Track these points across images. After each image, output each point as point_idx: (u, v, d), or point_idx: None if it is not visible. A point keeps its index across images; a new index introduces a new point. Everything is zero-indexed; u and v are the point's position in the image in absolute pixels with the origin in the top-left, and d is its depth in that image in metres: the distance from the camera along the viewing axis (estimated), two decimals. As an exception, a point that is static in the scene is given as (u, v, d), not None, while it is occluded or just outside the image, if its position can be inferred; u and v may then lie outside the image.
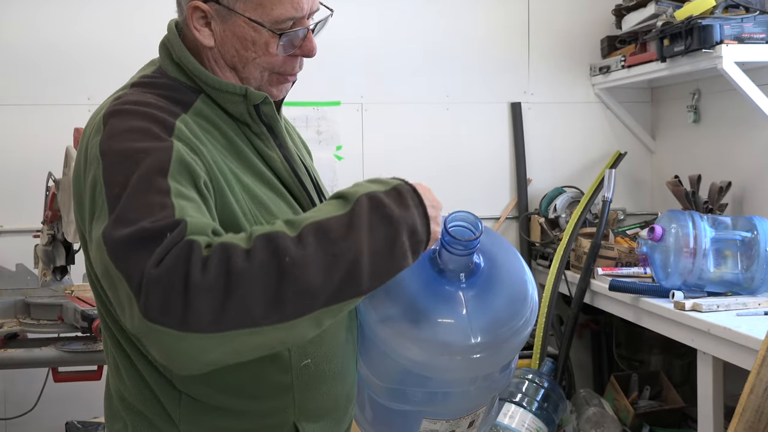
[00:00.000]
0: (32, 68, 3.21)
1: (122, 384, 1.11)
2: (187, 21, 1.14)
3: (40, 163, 2.92)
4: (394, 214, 0.94)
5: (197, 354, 0.88)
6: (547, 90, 3.58)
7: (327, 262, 0.90)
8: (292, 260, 0.88)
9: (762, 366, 1.66)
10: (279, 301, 0.88)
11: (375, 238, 0.92)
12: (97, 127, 1.04)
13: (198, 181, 1.00)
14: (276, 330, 0.89)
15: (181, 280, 0.87)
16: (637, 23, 3.23)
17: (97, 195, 0.98)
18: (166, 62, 1.16)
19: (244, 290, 0.87)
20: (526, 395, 2.69)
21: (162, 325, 0.87)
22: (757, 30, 2.64)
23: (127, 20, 3.26)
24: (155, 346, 0.90)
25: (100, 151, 0.99)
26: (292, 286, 0.88)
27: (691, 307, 2.33)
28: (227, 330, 0.87)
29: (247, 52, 1.12)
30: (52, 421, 3.16)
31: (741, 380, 1.76)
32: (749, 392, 1.65)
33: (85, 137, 1.07)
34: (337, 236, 0.91)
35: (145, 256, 0.89)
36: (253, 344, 0.90)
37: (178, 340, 0.87)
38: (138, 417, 1.10)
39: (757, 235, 2.43)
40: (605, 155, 3.61)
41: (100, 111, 1.08)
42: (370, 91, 3.47)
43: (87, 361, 2.53)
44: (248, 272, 0.88)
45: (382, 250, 0.92)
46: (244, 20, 1.09)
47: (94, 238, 0.96)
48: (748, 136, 3.01)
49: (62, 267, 2.75)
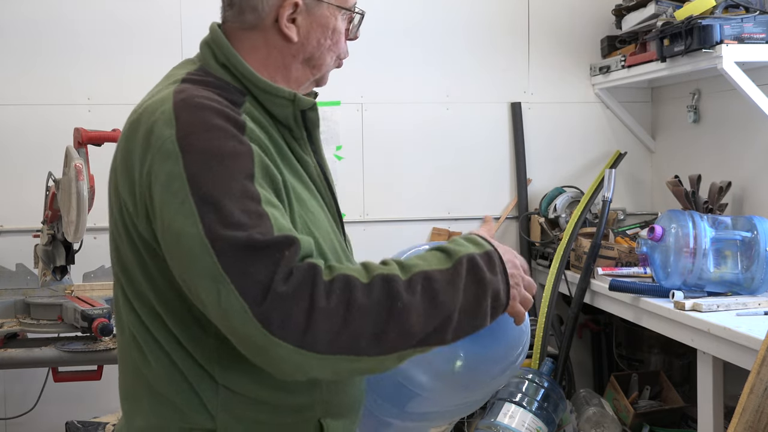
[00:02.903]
0: (32, 68, 3.21)
1: (151, 373, 1.11)
2: (279, 20, 1.14)
3: (40, 163, 2.92)
4: (485, 278, 1.03)
5: (305, 369, 0.97)
6: (547, 90, 3.59)
7: (428, 312, 0.99)
8: (402, 305, 0.98)
9: (762, 366, 1.66)
10: (382, 337, 0.97)
11: (467, 297, 1.01)
12: (165, 119, 1.03)
13: (277, 185, 1.06)
14: (371, 361, 0.98)
15: (307, 301, 0.95)
16: (637, 23, 3.23)
17: (177, 189, 0.99)
18: (210, 62, 1.16)
19: (358, 323, 0.96)
20: (526, 395, 2.69)
21: (281, 339, 0.95)
22: (757, 30, 2.64)
23: (127, 21, 3.27)
24: (264, 354, 0.97)
25: (180, 146, 1.00)
26: (397, 327, 0.97)
27: (691, 307, 2.33)
28: (336, 354, 0.96)
29: (326, 40, 1.17)
30: (52, 421, 3.16)
31: (741, 380, 1.76)
32: (749, 392, 1.65)
33: (144, 127, 1.05)
34: (439, 289, 1.00)
35: (267, 270, 0.95)
36: (350, 369, 0.99)
37: (293, 354, 0.95)
38: (165, 406, 1.11)
39: (757, 235, 2.43)
40: (605, 155, 3.61)
41: (158, 104, 1.07)
42: (370, 91, 3.47)
43: (87, 361, 2.53)
44: (365, 308, 0.96)
45: (469, 309, 1.01)
46: (328, 6, 1.15)
47: (176, 229, 0.98)
48: (748, 136, 3.01)
49: (62, 267, 2.75)
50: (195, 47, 1.24)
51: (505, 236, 3.54)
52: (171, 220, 0.99)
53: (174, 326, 1.08)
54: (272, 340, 0.94)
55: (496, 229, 3.53)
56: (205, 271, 0.96)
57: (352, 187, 3.45)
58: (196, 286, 0.99)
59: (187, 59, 1.22)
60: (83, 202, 2.43)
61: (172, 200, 0.99)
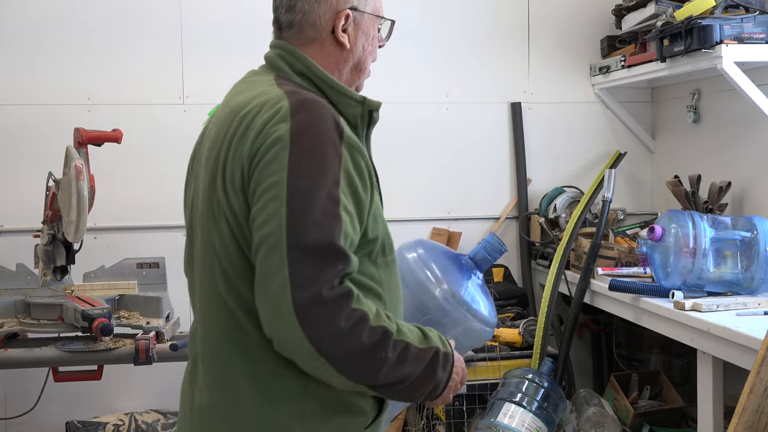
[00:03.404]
0: (32, 68, 3.21)
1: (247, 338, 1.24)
2: (335, 31, 1.34)
3: (40, 163, 2.93)
4: (437, 371, 1.26)
5: (300, 355, 1.16)
6: (547, 90, 3.59)
7: (393, 369, 1.20)
8: (384, 356, 1.19)
9: (762, 366, 1.66)
10: (359, 368, 1.18)
11: (420, 375, 1.23)
12: (283, 115, 1.19)
13: (356, 191, 1.22)
14: (339, 378, 1.18)
15: (336, 315, 1.14)
16: (637, 23, 3.23)
17: (276, 170, 1.16)
18: (287, 71, 1.33)
19: (352, 349, 1.16)
20: (526, 395, 2.69)
21: (302, 328, 1.13)
22: (757, 30, 2.64)
23: (127, 21, 3.27)
24: (281, 331, 1.15)
25: (291, 138, 1.17)
26: (371, 367, 1.18)
27: (691, 307, 2.33)
28: (326, 359, 1.15)
29: (369, 46, 1.40)
30: (53, 421, 3.17)
31: (741, 380, 1.76)
32: (749, 392, 1.65)
33: (262, 118, 1.21)
34: (409, 359, 1.22)
35: (322, 272, 1.14)
36: (324, 374, 1.18)
37: (302, 343, 1.13)
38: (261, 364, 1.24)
39: (756, 234, 2.43)
40: (605, 155, 3.61)
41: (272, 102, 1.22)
42: (370, 91, 3.44)
43: (87, 360, 2.53)
44: (362, 343, 1.16)
45: (416, 384, 1.23)
46: (370, 17, 1.38)
47: (265, 201, 1.16)
48: (748, 136, 3.01)
49: (62, 267, 2.75)
50: (195, 48, 1.26)
51: (505, 236, 3.54)
52: (264, 195, 1.16)
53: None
54: (296, 327, 1.12)
55: (496, 229, 3.53)
56: (273, 243, 1.13)
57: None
58: (259, 252, 1.16)
59: (255, 70, 1.39)
60: (83, 202, 2.44)
61: (269, 180, 1.16)
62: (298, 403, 1.23)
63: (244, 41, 3.35)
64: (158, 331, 2.57)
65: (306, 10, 1.33)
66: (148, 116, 3.29)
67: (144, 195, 3.30)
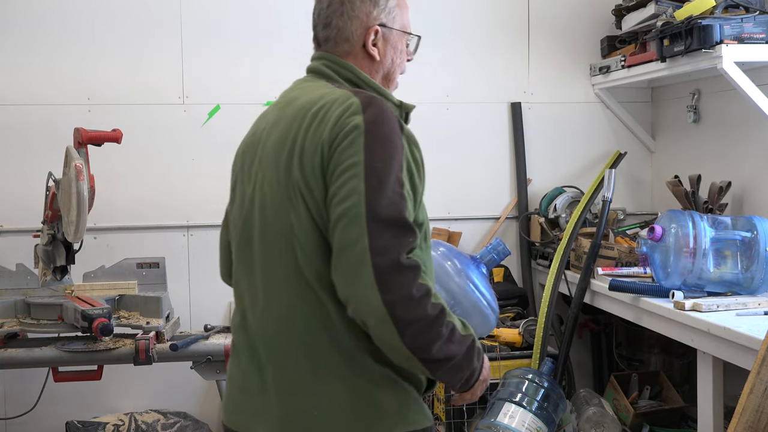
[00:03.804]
0: (32, 68, 3.21)
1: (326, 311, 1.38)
2: (366, 45, 1.52)
3: (40, 163, 2.93)
4: (473, 360, 1.41)
5: (374, 315, 1.28)
6: (547, 90, 3.59)
7: (443, 346, 1.34)
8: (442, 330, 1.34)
9: (762, 366, 1.66)
10: (418, 335, 1.31)
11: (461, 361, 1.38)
12: (355, 109, 1.36)
13: (413, 177, 1.38)
14: (399, 344, 1.31)
15: (411, 281, 1.29)
16: (637, 23, 3.23)
17: (354, 153, 1.32)
18: (335, 78, 1.50)
19: (418, 317, 1.30)
20: (526, 395, 2.69)
21: (379, 292, 1.27)
22: (757, 30, 2.64)
23: (127, 22, 3.27)
24: (357, 293, 1.29)
25: (365, 128, 1.33)
26: (429, 337, 1.32)
27: (691, 307, 2.33)
28: (394, 321, 1.28)
29: (397, 59, 1.57)
30: (52, 421, 3.17)
31: (741, 380, 1.76)
32: (749, 392, 1.65)
33: (336, 112, 1.37)
34: (455, 340, 1.37)
35: (398, 242, 1.29)
36: (388, 335, 1.30)
37: (378, 305, 1.27)
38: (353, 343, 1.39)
39: (756, 234, 2.43)
40: (605, 155, 3.61)
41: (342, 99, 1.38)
42: (370, 91, 3.46)
43: (87, 360, 2.54)
44: (426, 314, 1.31)
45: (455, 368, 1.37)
46: (398, 33, 1.55)
47: (344, 180, 1.32)
48: (748, 136, 3.01)
49: (62, 267, 2.75)
50: (194, 48, 1.26)
51: (505, 236, 3.54)
52: (344, 174, 1.31)
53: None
54: (374, 290, 1.27)
55: (496, 230, 3.53)
56: (353, 215, 1.29)
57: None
58: (339, 225, 1.30)
59: (303, 78, 1.56)
60: (83, 202, 2.44)
61: (348, 161, 1.32)
62: (373, 369, 1.38)
63: (244, 42, 3.35)
64: (158, 331, 2.57)
65: (340, 26, 1.51)
66: (148, 116, 3.29)
67: (144, 195, 3.30)
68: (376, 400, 1.38)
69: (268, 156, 1.44)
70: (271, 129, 1.46)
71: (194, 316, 3.31)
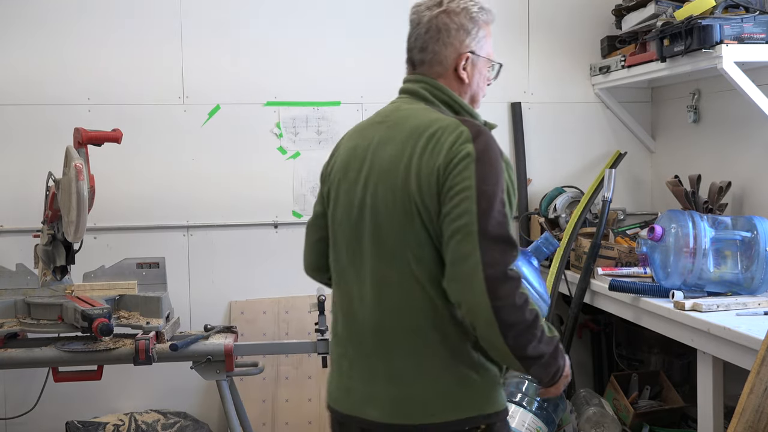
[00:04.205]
0: (33, 68, 3.21)
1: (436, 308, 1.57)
2: (457, 69, 1.69)
3: (40, 163, 2.93)
4: (558, 358, 1.60)
5: (483, 317, 1.47)
6: (547, 90, 3.58)
7: (537, 345, 1.53)
8: (536, 332, 1.53)
9: (762, 366, 1.66)
10: (519, 336, 1.50)
11: (549, 360, 1.56)
12: (465, 138, 1.55)
13: (510, 198, 1.56)
14: (500, 340, 1.49)
15: (514, 290, 1.48)
16: (637, 23, 3.23)
17: (467, 178, 1.51)
18: (432, 101, 1.68)
19: (519, 319, 1.49)
20: (526, 395, 2.69)
21: (489, 299, 1.45)
22: (757, 30, 2.64)
23: (126, 22, 3.27)
24: (470, 300, 1.48)
25: (476, 157, 1.52)
26: (526, 338, 1.51)
27: (691, 307, 2.33)
28: (498, 322, 1.46)
29: (482, 83, 1.76)
30: (52, 421, 3.17)
31: (741, 380, 1.76)
32: (749, 392, 1.65)
33: (449, 139, 1.55)
34: (549, 342, 1.56)
35: (506, 257, 1.49)
36: (489, 333, 1.49)
37: (486, 310, 1.46)
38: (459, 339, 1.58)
39: (756, 234, 2.43)
40: (605, 155, 3.61)
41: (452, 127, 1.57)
42: (370, 91, 3.47)
43: (87, 361, 2.54)
44: (524, 318, 1.49)
45: (545, 365, 1.56)
46: (484, 59, 1.74)
47: (458, 202, 1.50)
48: (748, 136, 3.01)
49: (62, 267, 2.75)
50: (194, 48, 1.25)
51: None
52: (457, 196, 1.50)
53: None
54: (485, 297, 1.45)
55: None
56: (467, 233, 1.47)
57: (352, 187, 3.46)
58: (452, 240, 1.49)
59: (402, 98, 1.72)
60: (83, 202, 2.44)
61: (462, 184, 1.50)
62: (471, 356, 1.57)
63: (244, 43, 3.35)
64: (158, 331, 2.57)
65: (436, 51, 1.68)
66: (148, 116, 3.29)
67: (144, 195, 3.30)
68: (474, 385, 1.58)
69: (383, 169, 1.61)
70: (384, 144, 1.64)
71: (194, 316, 3.31)
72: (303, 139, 3.41)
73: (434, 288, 1.56)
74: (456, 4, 1.69)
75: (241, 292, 3.39)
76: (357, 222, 1.64)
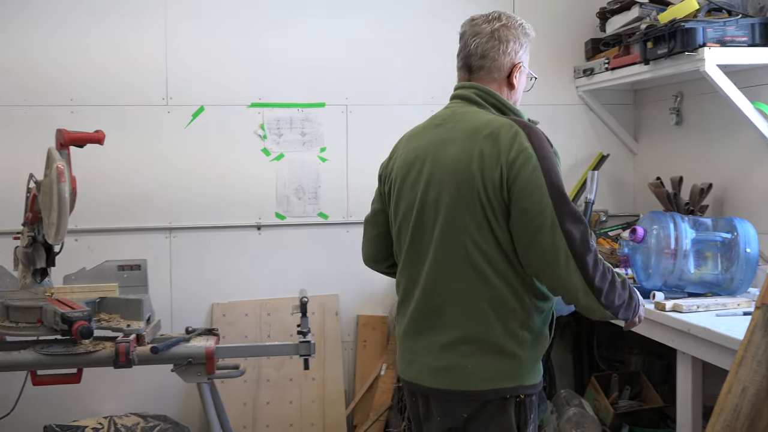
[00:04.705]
0: (14, 68, 3.18)
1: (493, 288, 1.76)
2: (510, 76, 1.91)
3: (21, 165, 2.90)
4: (634, 297, 1.82)
5: (582, 296, 1.71)
6: (531, 92, 3.56)
7: (621, 294, 1.78)
8: (619, 288, 1.77)
9: (740, 366, 1.67)
10: (608, 292, 1.73)
11: (629, 301, 1.80)
12: (522, 136, 1.74)
13: None
14: (592, 298, 1.72)
15: (600, 262, 1.72)
16: (621, 26, 3.25)
17: (537, 176, 1.70)
18: (484, 105, 1.87)
19: (605, 281, 1.72)
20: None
21: (581, 274, 1.68)
22: (739, 33, 2.66)
23: (110, 22, 3.25)
24: (565, 279, 1.69)
25: (536, 153, 1.72)
26: (613, 293, 1.74)
27: (672, 308, 2.35)
28: (592, 289, 1.70)
29: (523, 91, 1.97)
30: (31, 425, 3.14)
31: (719, 380, 1.77)
32: (727, 392, 1.66)
33: (506, 139, 1.74)
34: (623, 288, 1.79)
35: (585, 233, 1.70)
36: (585, 296, 1.72)
37: (581, 284, 1.69)
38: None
39: (737, 236, 2.45)
40: (588, 157, 3.62)
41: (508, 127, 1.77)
42: (355, 93, 3.46)
43: (66, 364, 2.51)
44: (609, 279, 1.73)
45: (627, 305, 1.80)
46: (527, 72, 1.96)
47: (536, 199, 1.69)
48: (730, 138, 3.03)
49: (42, 269, 2.72)
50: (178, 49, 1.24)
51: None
52: (532, 193, 1.69)
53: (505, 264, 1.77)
54: (578, 274, 1.68)
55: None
56: (550, 225, 1.68)
57: (335, 189, 3.45)
58: (541, 232, 1.69)
59: (455, 103, 1.92)
60: (64, 204, 2.41)
61: (534, 182, 1.70)
62: (517, 334, 1.76)
63: (228, 45, 3.34)
64: (139, 333, 2.55)
65: (496, 58, 1.89)
66: (131, 118, 3.27)
67: (126, 197, 3.28)
68: (517, 359, 1.76)
69: (446, 167, 1.80)
70: (445, 144, 1.83)
71: (176, 319, 3.29)
72: (287, 140, 3.40)
73: (490, 272, 1.75)
74: (513, 21, 1.94)
75: (223, 295, 3.37)
76: (419, 214, 1.84)
